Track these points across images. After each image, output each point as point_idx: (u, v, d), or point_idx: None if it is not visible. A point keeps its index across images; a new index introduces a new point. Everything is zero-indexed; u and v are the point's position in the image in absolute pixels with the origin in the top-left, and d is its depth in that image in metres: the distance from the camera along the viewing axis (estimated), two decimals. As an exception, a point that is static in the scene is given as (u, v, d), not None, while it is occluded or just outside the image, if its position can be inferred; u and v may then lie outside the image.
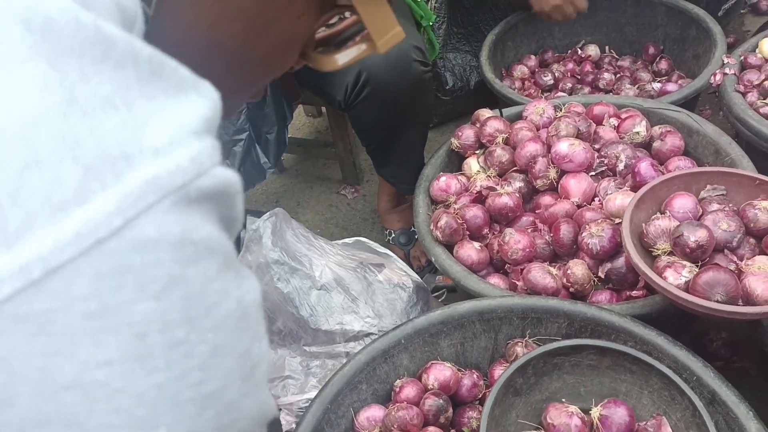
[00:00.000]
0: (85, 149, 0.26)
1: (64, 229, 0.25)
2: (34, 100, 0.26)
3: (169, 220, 0.28)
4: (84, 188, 0.26)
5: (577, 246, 1.32)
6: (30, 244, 0.25)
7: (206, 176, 0.29)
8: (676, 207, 1.20)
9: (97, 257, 0.26)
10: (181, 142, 0.29)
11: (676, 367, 1.06)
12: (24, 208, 0.25)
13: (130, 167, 0.27)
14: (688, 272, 1.09)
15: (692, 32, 2.04)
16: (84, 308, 0.26)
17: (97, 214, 0.26)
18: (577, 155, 1.40)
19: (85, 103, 0.27)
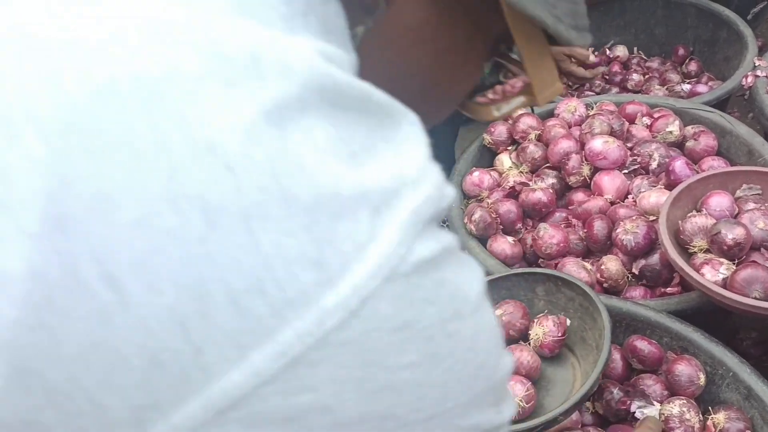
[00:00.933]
0: (372, 194, 0.30)
1: (368, 264, 0.30)
2: (335, 159, 0.30)
3: (430, 242, 0.32)
4: (374, 227, 0.30)
5: (611, 242, 1.33)
6: (347, 280, 0.29)
7: (444, 198, 0.34)
8: (712, 205, 1.21)
9: (393, 282, 0.31)
10: (427, 170, 0.33)
11: (713, 363, 1.07)
12: (340, 251, 0.29)
13: (400, 201, 0.31)
14: (725, 269, 1.10)
15: (723, 34, 2.05)
16: (390, 325, 0.31)
17: (388, 248, 0.30)
18: (612, 152, 1.41)
19: (361, 153, 0.31)
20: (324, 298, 0.29)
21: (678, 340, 1.12)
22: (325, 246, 0.29)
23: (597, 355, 1.04)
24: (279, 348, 0.29)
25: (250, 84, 0.29)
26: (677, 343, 1.13)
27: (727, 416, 1.02)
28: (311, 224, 0.29)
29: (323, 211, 0.29)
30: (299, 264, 0.29)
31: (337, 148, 0.30)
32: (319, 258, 0.29)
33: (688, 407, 1.03)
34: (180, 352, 0.28)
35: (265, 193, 0.28)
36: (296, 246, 0.29)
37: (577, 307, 1.16)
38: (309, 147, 0.29)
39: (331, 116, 0.31)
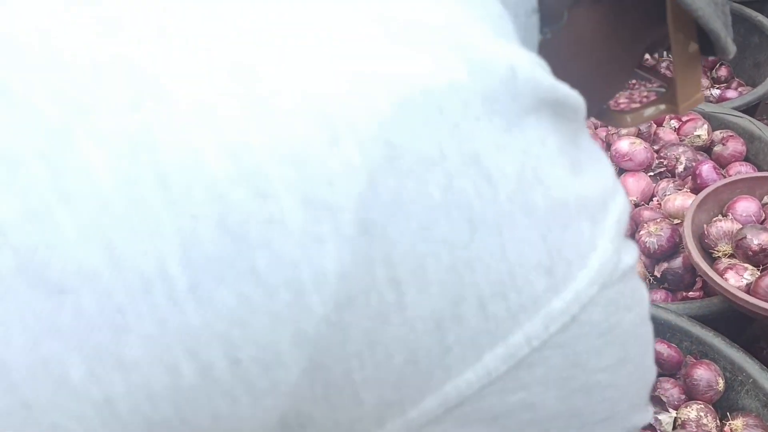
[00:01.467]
0: (591, 203, 0.32)
1: (589, 271, 0.32)
2: (561, 170, 0.31)
3: (629, 250, 0.34)
4: (593, 236, 0.32)
5: (634, 244, 1.32)
6: (571, 287, 0.31)
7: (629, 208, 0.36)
8: (739, 210, 1.20)
9: (606, 289, 0.32)
10: (617, 181, 0.35)
11: (732, 369, 1.06)
12: (566, 260, 0.31)
13: (608, 211, 0.33)
14: (749, 275, 1.09)
15: (754, 40, 2.02)
16: (598, 330, 0.33)
17: (605, 255, 0.32)
18: (638, 154, 1.40)
19: (579, 160, 0.33)
20: (551, 304, 0.31)
21: (698, 345, 1.11)
22: (555, 254, 0.31)
23: None
24: (510, 350, 0.31)
25: (507, 98, 0.30)
26: (697, 348, 1.12)
27: (745, 423, 1.01)
28: (546, 233, 0.30)
29: (555, 220, 0.31)
30: (535, 271, 0.30)
31: (563, 156, 0.32)
32: (550, 265, 0.31)
33: (705, 412, 1.02)
34: (432, 351, 0.30)
35: (513, 203, 0.30)
36: (534, 254, 0.30)
37: None
38: (545, 157, 0.31)
39: (555, 126, 0.32)
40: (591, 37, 0.45)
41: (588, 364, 0.34)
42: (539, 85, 0.31)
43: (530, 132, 0.30)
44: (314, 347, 0.29)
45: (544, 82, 0.31)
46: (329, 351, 0.29)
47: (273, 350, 0.28)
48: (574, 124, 0.33)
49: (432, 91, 0.29)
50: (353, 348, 0.29)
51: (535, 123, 0.31)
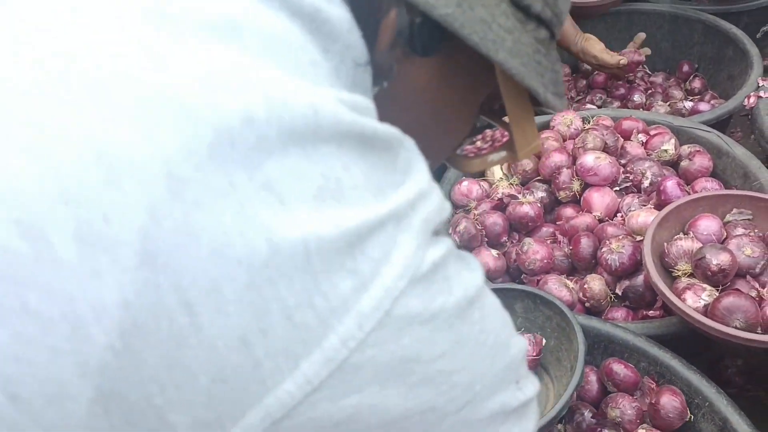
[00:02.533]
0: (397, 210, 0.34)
1: (395, 267, 0.33)
2: (367, 191, 0.34)
3: (438, 245, 0.36)
4: (396, 237, 0.34)
5: (596, 261, 1.30)
6: (378, 284, 0.33)
7: (445, 210, 0.38)
8: (700, 228, 1.18)
9: (416, 282, 0.34)
10: (432, 186, 0.38)
11: (689, 391, 1.05)
12: (371, 260, 0.33)
13: (415, 213, 0.35)
14: (707, 296, 1.07)
15: (728, 53, 2.01)
16: (420, 319, 0.35)
17: (409, 252, 0.34)
18: (603, 169, 1.39)
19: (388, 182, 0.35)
20: (360, 302, 0.32)
21: (655, 366, 1.10)
22: (359, 255, 0.32)
23: (571, 376, 1.02)
24: (327, 354, 0.32)
25: (306, 131, 0.32)
26: (654, 369, 1.10)
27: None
28: (353, 243, 0.32)
29: (362, 233, 0.33)
30: (340, 275, 0.32)
31: (369, 181, 0.34)
32: (354, 266, 0.32)
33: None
34: (241, 367, 0.31)
35: (317, 223, 0.32)
36: (339, 261, 0.32)
37: (555, 326, 1.14)
38: (347, 179, 0.33)
39: (363, 155, 0.34)
40: (424, 87, 0.48)
41: (422, 355, 0.35)
42: (341, 121, 0.33)
43: (331, 159, 0.33)
44: (101, 376, 0.29)
45: (346, 118, 0.33)
46: (121, 378, 0.30)
47: (55, 383, 0.29)
48: (389, 152, 0.36)
49: (224, 126, 0.31)
50: (149, 373, 0.30)
51: (337, 152, 0.33)
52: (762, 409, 1.38)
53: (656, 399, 1.04)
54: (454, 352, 0.36)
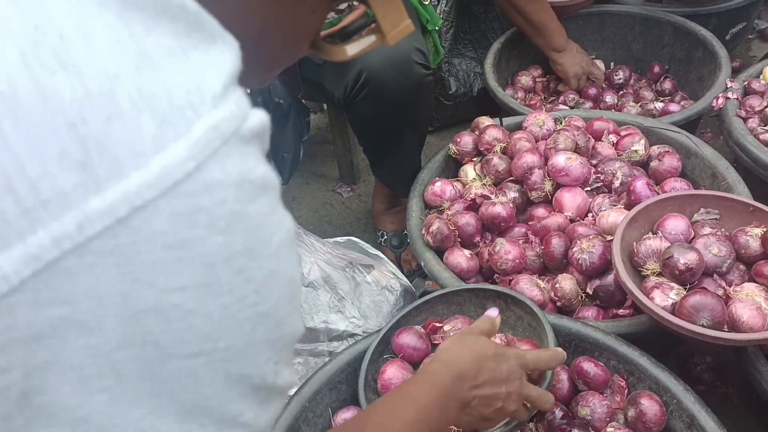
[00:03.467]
0: (159, 101, 0.29)
1: (146, 173, 0.29)
2: (111, 55, 0.29)
3: (230, 162, 0.31)
4: (161, 136, 0.29)
5: (567, 260, 1.32)
6: (117, 187, 0.28)
7: (251, 116, 0.33)
8: (668, 228, 1.20)
9: (174, 198, 0.30)
10: (229, 89, 0.32)
11: (657, 389, 1.06)
12: (112, 156, 0.28)
13: (197, 116, 0.30)
14: (675, 294, 1.09)
15: (698, 54, 2.04)
16: (163, 241, 0.30)
17: (174, 159, 0.29)
18: (574, 169, 1.40)
19: (154, 56, 0.30)
20: (87, 203, 0.28)
21: (625, 364, 1.11)
22: (93, 147, 0.28)
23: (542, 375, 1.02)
24: (30, 251, 0.28)
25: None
26: (624, 367, 1.11)
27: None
28: (76, 122, 0.28)
29: (92, 109, 0.28)
30: (58, 163, 0.28)
31: (122, 45, 0.29)
32: (85, 160, 0.28)
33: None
34: None
35: (13, 86, 0.27)
36: (54, 144, 0.28)
37: (526, 326, 1.15)
38: (81, 39, 0.29)
39: (116, 12, 0.30)
40: None
41: (156, 280, 0.30)
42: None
43: (53, 7, 0.29)
44: None
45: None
46: None
47: None
48: (171, 20, 0.31)
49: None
50: None
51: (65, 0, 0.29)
52: (731, 406, 1.41)
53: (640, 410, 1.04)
54: (203, 295, 0.32)
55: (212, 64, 0.32)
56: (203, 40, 0.33)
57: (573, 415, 1.08)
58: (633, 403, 1.05)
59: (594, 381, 1.10)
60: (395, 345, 1.16)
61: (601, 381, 1.10)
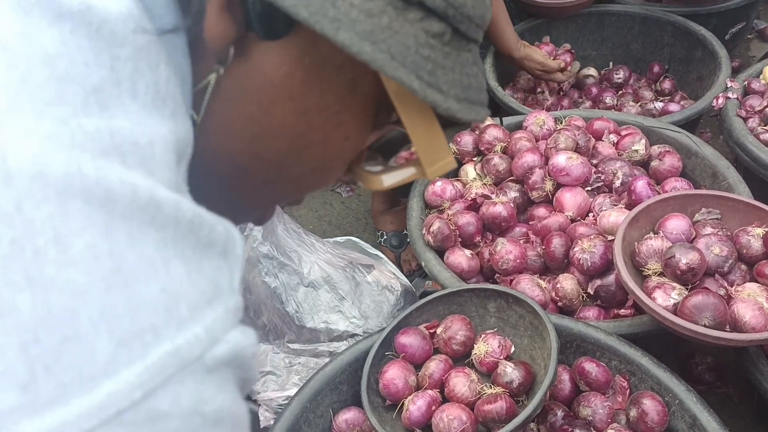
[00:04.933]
0: (120, 323, 0.28)
1: (89, 400, 0.27)
2: (84, 274, 0.27)
3: (183, 392, 0.29)
4: (114, 361, 0.27)
5: (569, 260, 1.31)
6: (54, 414, 0.26)
7: (221, 343, 0.31)
8: (669, 228, 1.19)
9: (113, 427, 0.27)
10: (201, 311, 0.30)
11: (659, 389, 1.06)
12: (57, 379, 0.26)
13: (156, 340, 0.29)
14: (677, 294, 1.09)
15: (698, 54, 2.04)
16: None
17: (122, 386, 0.27)
18: (574, 169, 1.40)
19: (129, 273, 0.28)
20: (19, 426, 0.26)
21: (626, 364, 1.11)
22: (40, 370, 0.26)
23: (544, 375, 1.02)
24: None
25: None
26: (626, 367, 1.11)
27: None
28: (28, 342, 0.26)
29: (49, 330, 0.26)
30: (1, 381, 0.26)
31: (98, 261, 0.28)
32: (27, 382, 0.26)
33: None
34: None
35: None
36: (1, 362, 0.26)
37: (528, 325, 1.14)
38: (56, 256, 0.27)
39: (105, 222, 0.28)
40: (285, 82, 0.41)
41: None
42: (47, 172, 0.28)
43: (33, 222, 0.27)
44: None
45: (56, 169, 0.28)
46: None
47: None
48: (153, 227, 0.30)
49: None
50: None
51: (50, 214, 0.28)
52: (732, 406, 1.41)
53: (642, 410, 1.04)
54: None
55: (192, 278, 0.31)
56: (194, 245, 0.31)
57: (575, 416, 1.08)
58: (635, 403, 1.05)
59: (596, 381, 1.10)
60: (398, 345, 1.16)
61: (603, 381, 1.10)
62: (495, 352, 1.11)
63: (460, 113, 0.42)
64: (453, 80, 0.42)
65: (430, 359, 1.15)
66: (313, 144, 0.45)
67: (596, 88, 2.09)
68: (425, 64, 0.40)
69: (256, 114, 0.42)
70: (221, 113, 0.41)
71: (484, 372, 1.13)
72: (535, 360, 1.12)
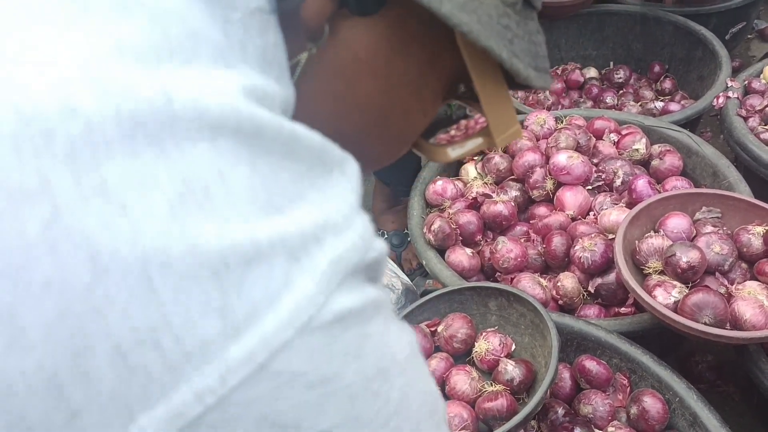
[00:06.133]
0: (291, 240, 0.28)
1: (280, 313, 0.28)
2: (247, 202, 0.28)
3: (353, 293, 0.30)
4: (289, 274, 0.28)
5: (569, 259, 1.32)
6: (254, 331, 0.27)
7: (371, 250, 0.32)
8: (670, 226, 1.20)
9: (308, 334, 0.28)
10: (353, 220, 0.31)
11: (660, 387, 1.06)
12: (249, 299, 0.27)
13: (322, 251, 0.29)
14: (677, 292, 1.09)
15: (698, 53, 2.04)
16: (305, 381, 0.29)
17: (304, 295, 0.28)
18: (575, 168, 1.40)
19: (278, 201, 0.29)
20: (228, 351, 0.27)
21: (627, 362, 1.11)
22: (232, 293, 0.27)
23: (545, 373, 1.03)
24: (174, 409, 0.26)
25: (157, 123, 0.27)
26: (626, 365, 1.11)
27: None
28: (219, 271, 0.27)
29: (233, 258, 0.27)
30: (200, 312, 0.26)
31: (255, 193, 0.29)
32: (223, 306, 0.27)
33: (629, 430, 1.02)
34: (50, 416, 0.26)
35: (167, 238, 0.26)
36: (199, 293, 0.26)
37: (528, 323, 1.15)
38: (218, 188, 0.28)
39: (248, 160, 0.29)
40: (369, 56, 0.42)
41: (302, 423, 0.29)
42: (206, 111, 0.28)
43: (197, 160, 0.27)
44: None
45: (227, 108, 0.28)
46: None
47: None
48: (298, 160, 0.31)
49: (33, 114, 0.26)
50: None
51: (209, 152, 0.28)
52: (732, 405, 1.41)
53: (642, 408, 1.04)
54: (352, 428, 0.30)
55: (338, 197, 0.32)
56: (324, 173, 0.32)
57: (575, 413, 1.08)
58: (635, 401, 1.05)
59: (596, 379, 1.10)
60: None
61: (604, 379, 1.10)
62: (496, 350, 1.11)
63: (535, 81, 0.43)
64: (526, 49, 0.43)
65: (431, 357, 1.15)
66: (393, 120, 0.46)
67: (597, 88, 2.09)
68: (506, 33, 0.41)
69: (341, 91, 0.42)
70: (307, 91, 0.41)
71: (485, 370, 1.13)
72: (536, 358, 1.13)
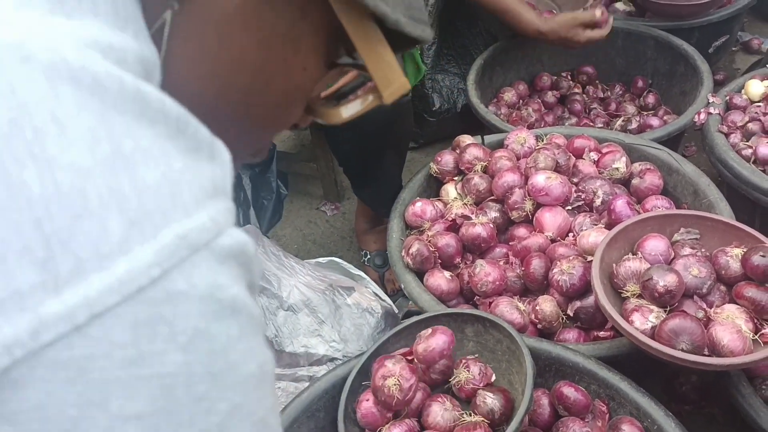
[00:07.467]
0: (129, 202, 0.28)
1: (109, 275, 0.27)
2: (86, 153, 0.28)
3: (198, 274, 0.29)
4: (127, 239, 0.28)
5: (548, 282, 1.30)
6: (77, 289, 0.26)
7: (225, 235, 0.31)
8: (647, 249, 1.18)
9: (136, 305, 0.27)
10: (203, 202, 0.31)
11: (638, 414, 1.05)
12: (74, 255, 0.26)
13: (165, 222, 0.29)
14: (655, 317, 1.07)
15: (680, 68, 2.04)
16: (122, 355, 0.27)
17: (139, 263, 0.28)
18: (554, 189, 1.39)
19: (130, 157, 0.29)
20: (44, 305, 0.26)
21: (605, 388, 1.09)
22: (57, 245, 0.26)
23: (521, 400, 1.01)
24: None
25: None
26: (605, 391, 1.10)
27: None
28: (42, 218, 0.26)
29: (61, 206, 0.27)
30: (18, 260, 0.26)
31: (97, 142, 0.28)
32: (46, 258, 0.26)
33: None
34: None
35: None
36: (17, 240, 0.26)
37: (505, 349, 1.13)
38: (56, 134, 0.27)
39: (100, 112, 0.29)
40: (240, 11, 0.41)
41: (110, 402, 0.27)
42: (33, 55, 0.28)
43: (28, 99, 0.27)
44: None
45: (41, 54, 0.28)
46: None
47: None
48: (149, 120, 0.30)
49: None
50: None
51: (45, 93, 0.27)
52: (717, 426, 1.40)
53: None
54: (159, 424, 0.29)
55: (190, 172, 0.31)
56: (185, 148, 0.31)
57: (552, 443, 1.06)
58: (614, 428, 1.04)
59: (575, 406, 1.08)
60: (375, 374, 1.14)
61: (582, 406, 1.08)
62: (475, 379, 1.09)
63: (408, 27, 0.43)
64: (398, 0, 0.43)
65: (407, 386, 1.13)
66: (274, 76, 0.46)
67: (580, 104, 2.09)
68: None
69: (214, 48, 0.42)
70: (181, 52, 0.41)
71: (463, 398, 1.11)
72: (513, 385, 1.11)
